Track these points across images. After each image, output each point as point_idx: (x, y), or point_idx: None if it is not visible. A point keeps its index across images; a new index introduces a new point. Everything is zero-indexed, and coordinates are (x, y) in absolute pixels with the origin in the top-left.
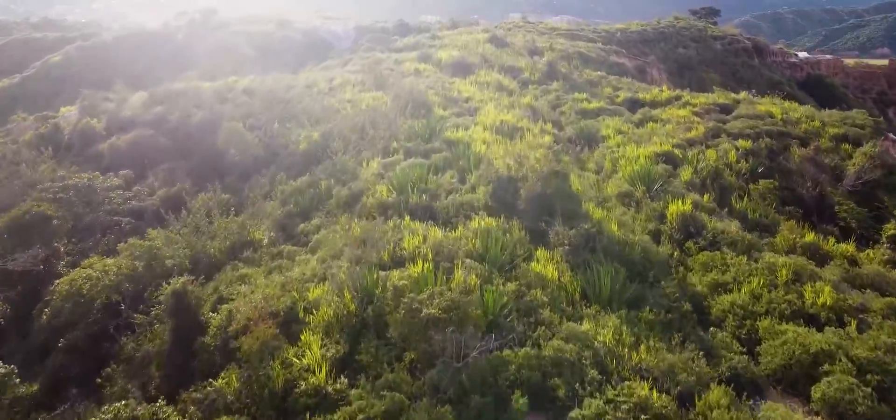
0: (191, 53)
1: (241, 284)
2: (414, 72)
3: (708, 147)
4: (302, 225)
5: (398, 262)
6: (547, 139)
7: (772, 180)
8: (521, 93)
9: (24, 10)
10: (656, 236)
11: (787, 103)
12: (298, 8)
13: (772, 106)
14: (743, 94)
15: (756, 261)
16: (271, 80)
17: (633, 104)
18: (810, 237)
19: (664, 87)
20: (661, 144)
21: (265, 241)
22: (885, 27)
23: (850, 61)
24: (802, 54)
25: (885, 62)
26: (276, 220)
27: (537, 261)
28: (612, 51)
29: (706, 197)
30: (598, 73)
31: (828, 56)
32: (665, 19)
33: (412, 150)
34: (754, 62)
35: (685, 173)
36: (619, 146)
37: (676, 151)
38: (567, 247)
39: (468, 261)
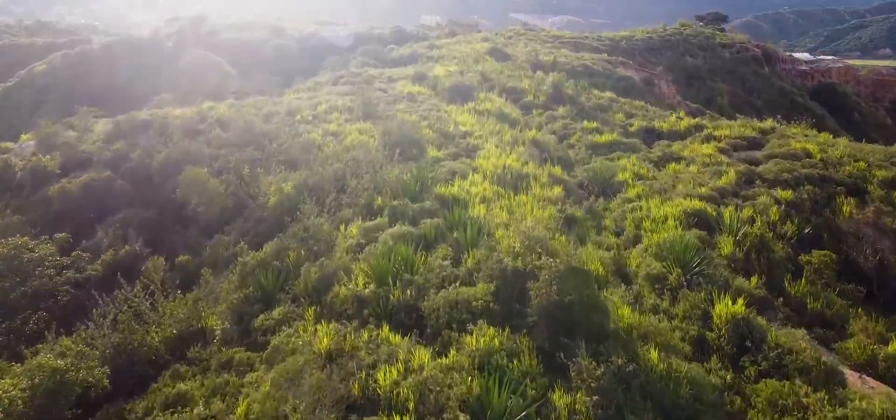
0: (180, 62)
1: (172, 413)
2: (407, 96)
3: (743, 199)
4: (261, 316)
5: (371, 401)
6: (556, 191)
7: (826, 252)
8: (526, 120)
9: (22, 11)
10: (701, 347)
11: (821, 136)
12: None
13: (807, 142)
14: (769, 122)
15: (842, 403)
16: (250, 106)
17: (649, 135)
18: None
19: (682, 114)
20: (688, 197)
21: (218, 332)
22: (887, 28)
23: (853, 62)
24: (805, 55)
25: (890, 63)
26: (232, 305)
27: (554, 405)
28: (619, 62)
29: (753, 280)
30: (607, 93)
31: (839, 63)
32: (671, 26)
33: (399, 212)
34: (764, 71)
35: (724, 245)
36: (640, 198)
37: (709, 209)
38: (594, 390)
39: (462, 417)
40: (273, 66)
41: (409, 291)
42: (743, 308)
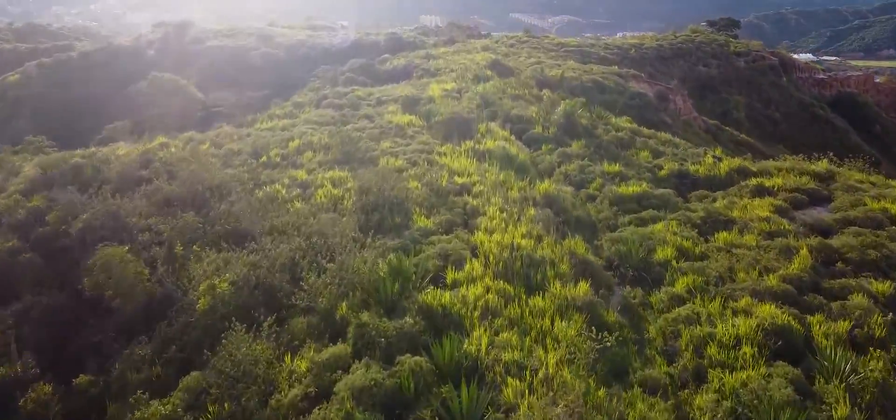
0: (160, 72)
1: None
2: (395, 129)
3: (829, 297)
4: None
5: None
6: (582, 289)
7: None
8: (534, 161)
9: (20, 11)
10: None
11: (892, 186)
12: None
13: (885, 200)
14: (823, 164)
15: None
16: (210, 144)
17: (683, 181)
18: None
19: (718, 152)
20: (757, 296)
21: None
22: (890, 28)
23: (857, 63)
24: (808, 56)
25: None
26: None
27: None
28: (630, 75)
29: None
30: (626, 121)
31: (857, 72)
32: (682, 32)
33: (368, 337)
34: (782, 81)
35: (835, 399)
36: (693, 295)
37: (793, 322)
38: None
39: None
40: (259, 77)
41: None
42: None
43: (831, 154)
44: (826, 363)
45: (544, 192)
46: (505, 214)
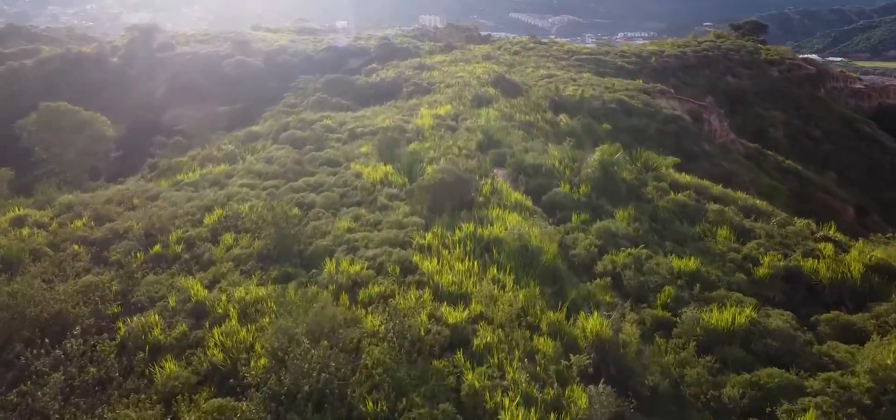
0: (123, 82)
1: None
2: (362, 192)
3: None
4: None
5: None
6: None
7: None
8: (565, 249)
9: (15, 11)
10: None
11: None
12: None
13: None
14: None
15: None
16: (85, 222)
17: (797, 291)
18: None
19: (833, 230)
20: None
21: None
22: None
23: (863, 64)
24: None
25: None
26: None
27: None
28: (657, 91)
29: None
30: (684, 176)
31: (892, 79)
32: (704, 36)
33: None
34: (820, 93)
35: None
36: None
37: None
38: None
39: None
40: (232, 89)
41: None
42: None
43: None
44: None
45: (594, 337)
46: (529, 411)
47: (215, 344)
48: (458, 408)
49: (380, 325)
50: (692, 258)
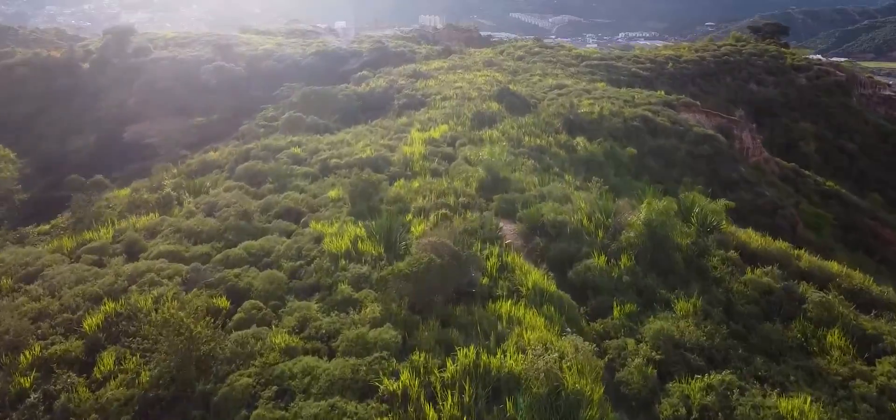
0: (94, 90)
1: None
2: (317, 277)
3: None
4: None
5: None
6: None
7: None
8: (613, 370)
9: (13, 11)
10: None
11: None
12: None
13: None
14: None
15: None
16: None
17: None
18: None
19: None
20: None
21: None
22: None
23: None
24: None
25: None
26: None
27: None
28: (682, 104)
29: None
30: (762, 241)
31: None
32: (724, 40)
33: None
34: (852, 102)
35: None
36: None
37: None
38: None
39: None
40: (210, 99)
41: None
42: None
43: None
44: None
45: None
46: None
47: None
48: None
49: None
50: (804, 395)
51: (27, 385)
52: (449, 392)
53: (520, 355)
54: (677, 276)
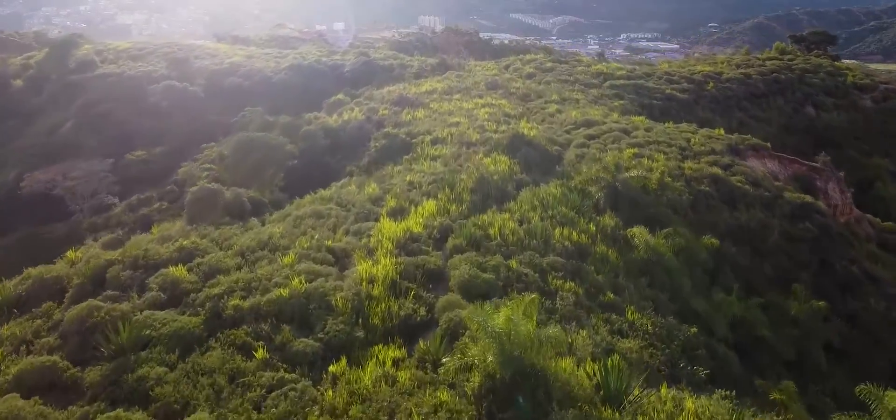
0: (27, 112)
1: None
2: None
3: None
4: None
5: None
6: None
7: None
8: None
9: (8, 12)
10: None
11: None
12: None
13: None
14: None
15: None
16: None
17: None
18: None
19: None
20: None
21: None
22: None
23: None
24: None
25: None
26: None
27: None
28: (748, 148)
29: None
30: None
31: None
32: (766, 52)
33: None
34: None
35: None
36: None
37: None
38: None
39: None
40: (156, 125)
41: None
42: None
43: None
44: None
45: None
46: None
47: None
48: None
49: None
50: None
51: None
52: None
53: None
54: None
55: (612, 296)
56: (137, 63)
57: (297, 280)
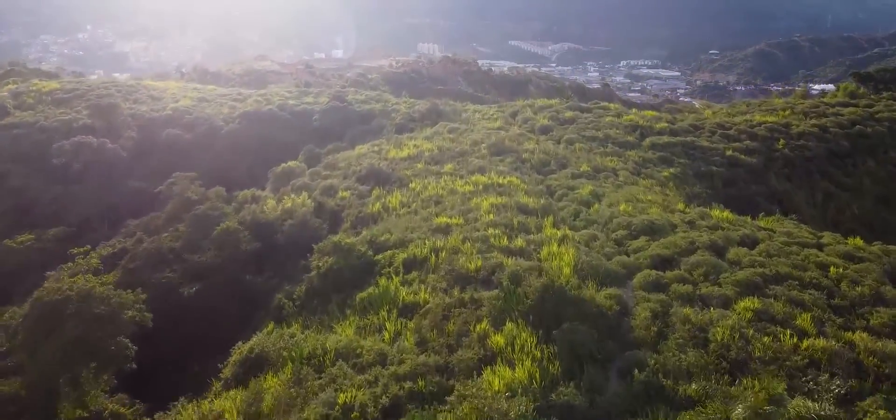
0: None
1: None
2: None
3: None
4: None
5: None
6: None
7: None
8: None
9: (7, 40)
10: None
11: None
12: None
13: None
14: None
15: None
16: None
17: None
18: None
19: None
20: None
21: None
22: None
23: None
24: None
25: None
26: None
27: None
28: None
29: None
30: None
31: None
32: (834, 94)
33: None
34: None
35: None
36: None
37: None
38: None
39: None
40: (62, 193)
41: None
42: None
43: None
44: None
45: None
46: None
47: None
48: None
49: None
50: None
51: None
52: None
53: None
54: None
55: None
56: (60, 109)
57: None
